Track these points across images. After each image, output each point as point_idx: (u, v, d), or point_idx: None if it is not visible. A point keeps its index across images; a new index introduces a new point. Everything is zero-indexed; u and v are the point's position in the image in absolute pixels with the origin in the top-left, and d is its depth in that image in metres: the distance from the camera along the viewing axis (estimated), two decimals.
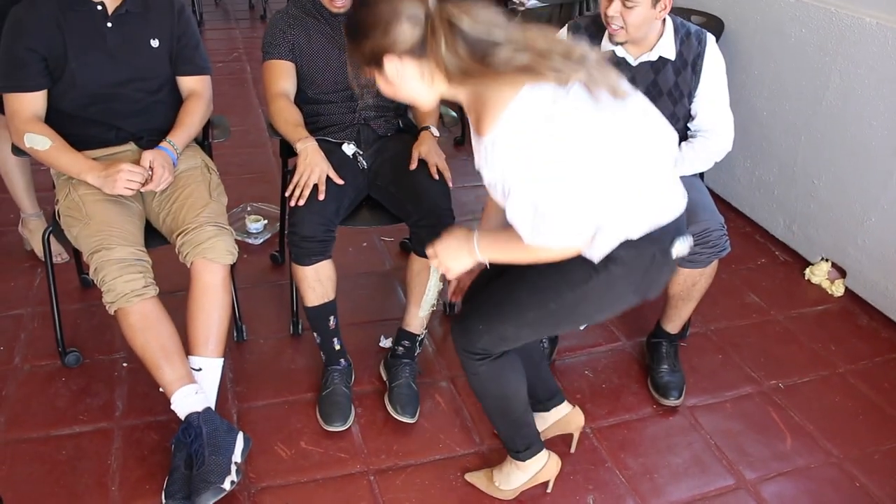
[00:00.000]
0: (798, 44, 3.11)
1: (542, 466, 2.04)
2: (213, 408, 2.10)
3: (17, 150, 2.25)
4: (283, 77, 2.44)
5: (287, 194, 2.24)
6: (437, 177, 2.34)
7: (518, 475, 2.05)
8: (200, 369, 2.14)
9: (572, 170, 1.48)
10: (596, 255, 1.63)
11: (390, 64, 1.51)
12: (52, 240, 2.37)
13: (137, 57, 2.26)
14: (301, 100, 2.49)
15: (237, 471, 1.98)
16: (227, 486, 1.93)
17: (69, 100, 2.23)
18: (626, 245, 1.64)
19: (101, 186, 2.15)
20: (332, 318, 2.34)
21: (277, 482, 2.11)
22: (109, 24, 2.20)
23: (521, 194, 1.50)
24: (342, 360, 2.39)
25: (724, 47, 3.34)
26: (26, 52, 2.13)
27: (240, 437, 2.04)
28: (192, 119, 2.35)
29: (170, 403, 2.07)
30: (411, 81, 1.54)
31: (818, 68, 3.03)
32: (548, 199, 1.49)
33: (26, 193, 2.86)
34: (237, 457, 2.00)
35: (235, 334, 2.63)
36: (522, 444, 2.02)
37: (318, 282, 2.27)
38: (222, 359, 2.19)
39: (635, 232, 1.63)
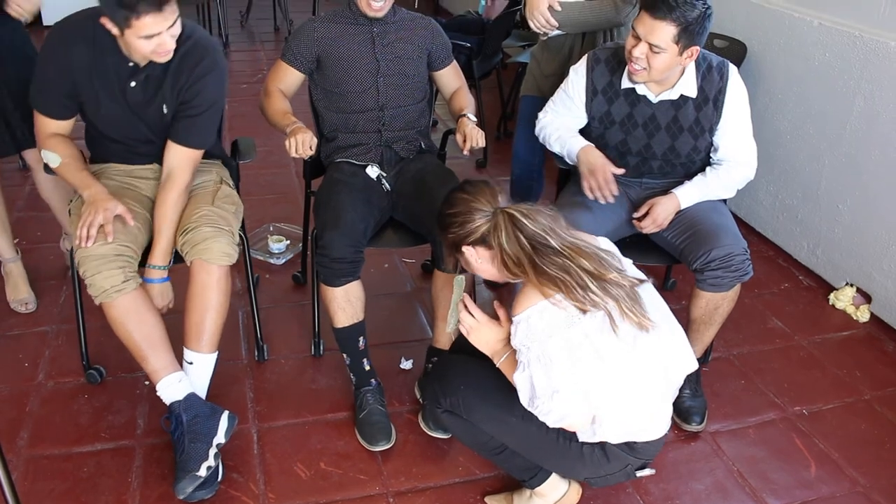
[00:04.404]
0: (822, 67, 3.10)
1: (562, 495, 2.03)
2: (198, 394, 2.16)
3: (48, 168, 2.29)
4: (287, 80, 2.55)
5: (292, 152, 2.28)
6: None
7: (538, 502, 2.03)
8: (192, 363, 2.21)
9: (573, 373, 1.67)
10: (582, 437, 1.82)
11: (468, 250, 1.79)
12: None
13: (151, 119, 2.26)
14: (330, 113, 2.55)
15: (216, 455, 2.05)
16: (202, 472, 2.00)
17: (91, 126, 2.29)
18: (612, 444, 1.82)
19: (84, 208, 2.14)
20: (361, 338, 2.34)
21: (296, 503, 2.11)
22: (133, 84, 2.18)
23: (526, 370, 1.70)
24: (373, 380, 2.38)
25: (747, 71, 3.34)
26: (55, 84, 2.16)
27: (224, 417, 2.11)
28: (169, 226, 2.21)
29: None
30: (484, 264, 1.81)
31: (842, 92, 3.01)
32: (545, 384, 1.68)
33: (64, 214, 2.90)
34: (220, 438, 2.07)
35: (257, 353, 2.64)
36: (526, 474, 2.00)
37: (347, 302, 2.28)
38: (214, 354, 2.25)
39: (614, 438, 1.81)
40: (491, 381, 1.85)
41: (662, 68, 2.22)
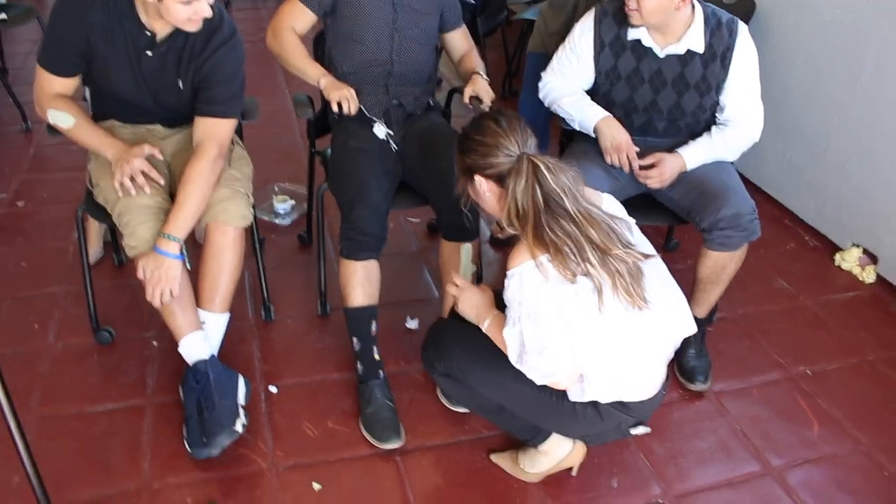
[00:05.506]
0: (832, 24, 3.05)
1: (567, 453, 2.05)
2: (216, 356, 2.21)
3: (50, 129, 2.26)
4: (300, 20, 2.48)
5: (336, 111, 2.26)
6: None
7: (543, 460, 2.06)
8: (204, 322, 2.22)
9: (562, 329, 1.68)
10: (573, 396, 1.83)
11: (479, 180, 1.77)
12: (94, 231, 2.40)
13: (164, 93, 2.24)
14: (339, 62, 2.51)
15: (245, 413, 2.11)
16: (239, 428, 2.06)
17: (98, 86, 2.26)
18: (605, 403, 1.83)
19: (113, 167, 2.14)
20: (374, 322, 2.28)
21: (305, 461, 2.14)
22: (149, 53, 2.15)
23: (517, 325, 1.71)
24: (380, 371, 2.29)
25: (755, 27, 3.30)
26: (68, 42, 2.11)
27: (241, 380, 2.16)
28: (191, 198, 2.10)
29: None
30: (490, 199, 1.80)
31: (853, 49, 2.97)
32: (535, 340, 1.69)
33: None
34: (241, 400, 2.12)
35: (263, 314, 2.66)
36: (528, 433, 2.03)
37: (367, 280, 2.26)
38: (227, 314, 2.27)
39: (603, 398, 1.81)
40: (484, 344, 1.86)
41: (652, 9, 2.20)
